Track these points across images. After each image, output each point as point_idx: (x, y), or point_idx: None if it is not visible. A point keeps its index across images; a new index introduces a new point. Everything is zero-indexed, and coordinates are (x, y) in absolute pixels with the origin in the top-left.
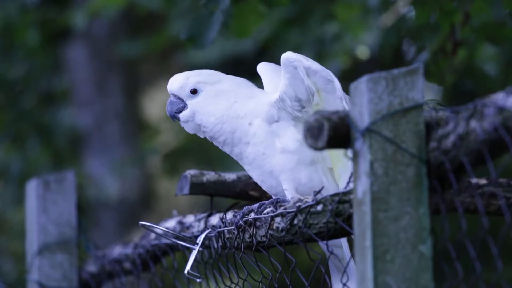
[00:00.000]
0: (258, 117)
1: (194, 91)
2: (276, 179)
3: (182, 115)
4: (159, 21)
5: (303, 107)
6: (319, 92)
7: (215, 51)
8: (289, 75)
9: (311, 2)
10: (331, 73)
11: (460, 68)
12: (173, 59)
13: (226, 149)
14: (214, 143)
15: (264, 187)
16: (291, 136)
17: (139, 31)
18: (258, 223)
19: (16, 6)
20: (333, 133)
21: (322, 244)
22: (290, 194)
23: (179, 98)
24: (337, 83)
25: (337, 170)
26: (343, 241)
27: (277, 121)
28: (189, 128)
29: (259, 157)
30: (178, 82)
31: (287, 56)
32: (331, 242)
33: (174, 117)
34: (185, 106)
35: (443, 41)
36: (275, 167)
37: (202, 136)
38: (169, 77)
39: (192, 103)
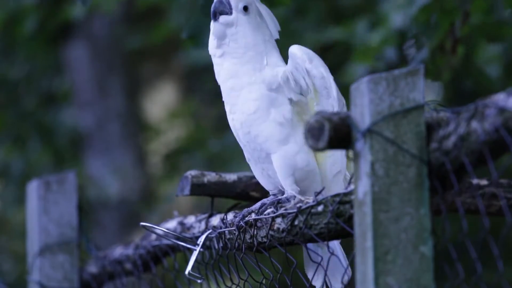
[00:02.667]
0: (265, 75)
1: (245, 9)
2: (260, 146)
3: (224, 18)
4: (159, 15)
5: (300, 93)
6: (315, 91)
7: None
8: (292, 66)
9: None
10: (331, 80)
11: (458, 65)
12: (174, 60)
13: (223, 74)
14: (215, 61)
15: (244, 147)
16: (285, 109)
17: (139, 24)
18: (259, 224)
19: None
20: (334, 133)
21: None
22: (288, 184)
23: (229, 3)
24: (333, 92)
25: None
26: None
27: (275, 92)
28: (218, 31)
29: (249, 116)
30: None
31: (293, 51)
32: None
33: (216, 15)
34: (228, 13)
35: (443, 40)
36: (261, 132)
37: (215, 46)
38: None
39: (239, 16)
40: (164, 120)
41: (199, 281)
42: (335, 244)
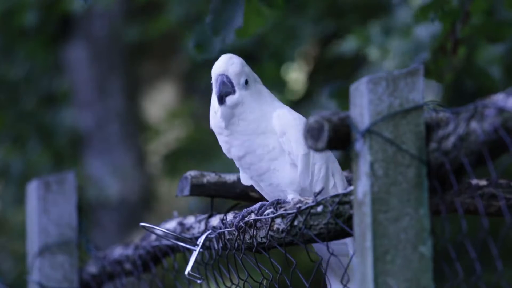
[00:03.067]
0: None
1: (246, 82)
2: (283, 192)
3: (231, 99)
4: (158, 9)
5: None
6: None
7: None
8: None
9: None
10: (299, 157)
11: (460, 66)
12: (173, 61)
13: (235, 152)
14: (223, 139)
15: (267, 196)
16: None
17: (138, 18)
18: (258, 224)
19: None
20: (333, 134)
21: (322, 246)
22: (290, 191)
23: (230, 82)
24: (298, 169)
25: None
26: (350, 247)
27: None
28: (225, 114)
29: (269, 172)
30: (236, 67)
31: (273, 120)
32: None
33: (222, 99)
34: (232, 92)
35: (444, 40)
36: (282, 180)
37: (223, 127)
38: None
39: (242, 93)
40: (163, 120)
41: (198, 281)
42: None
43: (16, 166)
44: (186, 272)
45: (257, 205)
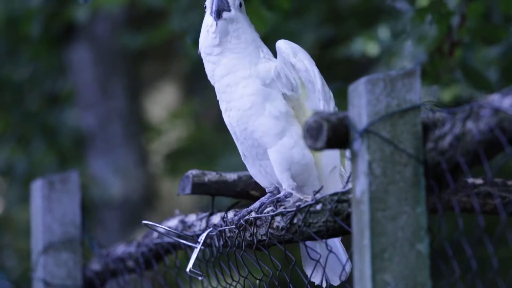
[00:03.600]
0: (259, 69)
1: (240, 5)
2: (257, 141)
3: (227, 14)
4: (160, 17)
5: (292, 90)
6: (302, 85)
7: None
8: (280, 61)
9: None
10: (315, 73)
11: (456, 67)
12: (175, 61)
13: (218, 72)
14: (211, 59)
15: (246, 153)
16: (280, 104)
17: (140, 26)
18: (258, 222)
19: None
20: (332, 134)
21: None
22: (285, 179)
23: (227, 1)
24: (317, 84)
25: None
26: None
27: (269, 87)
28: (221, 29)
29: (244, 112)
30: None
31: (279, 45)
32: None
33: (219, 12)
34: (227, 10)
35: (440, 42)
36: (258, 128)
37: (216, 44)
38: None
39: (237, 13)
40: (165, 121)
41: (200, 278)
42: (335, 240)
43: (21, 166)
44: (187, 269)
45: (257, 203)
